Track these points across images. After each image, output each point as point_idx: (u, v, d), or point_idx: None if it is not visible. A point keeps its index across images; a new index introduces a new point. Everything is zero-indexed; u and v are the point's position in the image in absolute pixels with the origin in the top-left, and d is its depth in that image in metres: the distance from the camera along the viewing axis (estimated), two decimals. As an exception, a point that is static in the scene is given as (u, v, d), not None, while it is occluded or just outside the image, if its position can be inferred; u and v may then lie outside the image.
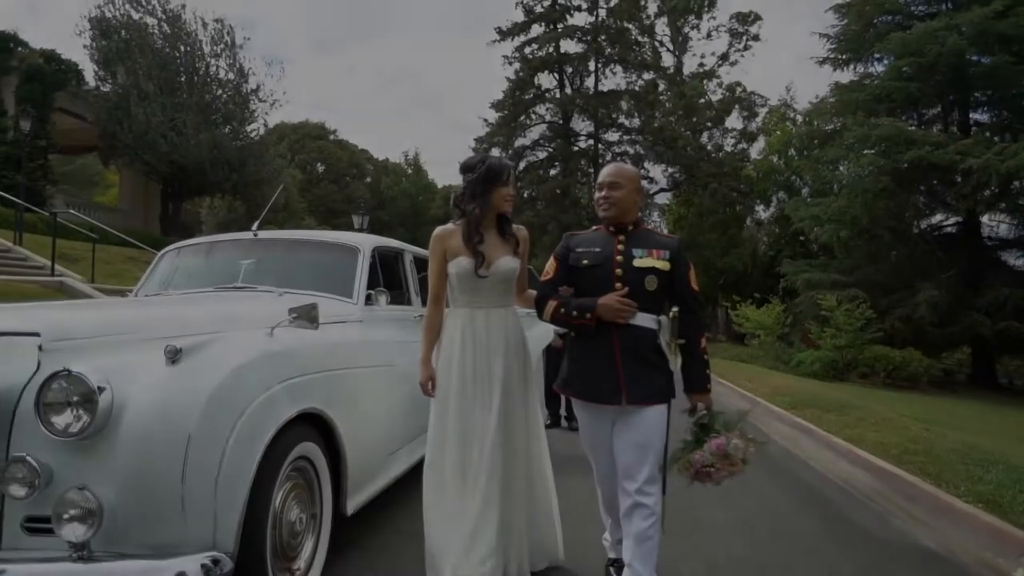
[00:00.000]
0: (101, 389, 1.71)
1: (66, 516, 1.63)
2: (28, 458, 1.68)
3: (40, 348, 1.82)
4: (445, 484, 2.41)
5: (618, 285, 2.37)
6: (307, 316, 2.23)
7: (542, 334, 5.44)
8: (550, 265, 2.58)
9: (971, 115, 18.34)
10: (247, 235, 3.65)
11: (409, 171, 43.69)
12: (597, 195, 2.53)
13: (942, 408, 11.14)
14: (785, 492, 4.43)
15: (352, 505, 2.57)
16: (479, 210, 2.52)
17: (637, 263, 2.39)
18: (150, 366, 1.85)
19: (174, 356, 1.83)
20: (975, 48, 16.16)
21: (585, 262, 2.46)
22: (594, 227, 2.63)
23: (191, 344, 1.89)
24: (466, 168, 2.59)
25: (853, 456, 5.57)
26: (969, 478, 4.67)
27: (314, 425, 2.32)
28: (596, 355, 2.40)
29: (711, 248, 28.37)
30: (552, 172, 29.92)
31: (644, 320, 2.37)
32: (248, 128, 24.58)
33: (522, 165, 30.45)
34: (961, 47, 15.56)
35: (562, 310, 2.43)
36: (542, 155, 30.67)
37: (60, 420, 1.70)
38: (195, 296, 3.22)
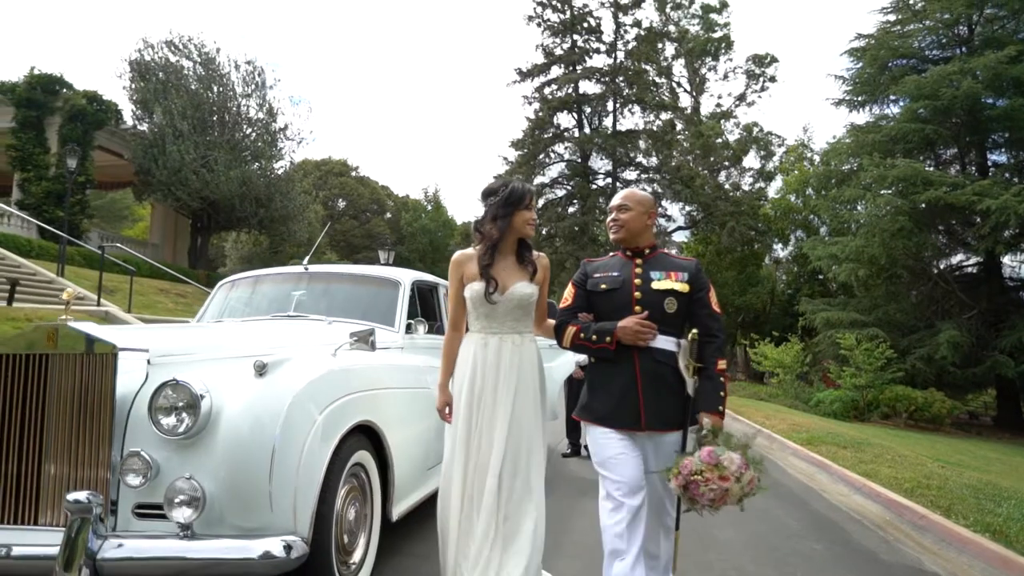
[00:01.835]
0: (202, 396, 2.03)
1: (176, 500, 1.95)
2: (142, 452, 2.00)
3: (148, 362, 2.16)
4: (454, 506, 2.42)
5: (637, 308, 2.37)
6: (365, 339, 2.55)
7: (564, 365, 5.67)
8: (568, 292, 2.58)
9: (989, 156, 18.50)
10: (298, 269, 4.02)
11: (429, 207, 44.47)
12: (608, 220, 2.55)
13: (966, 450, 11.08)
14: (797, 518, 4.60)
15: (397, 511, 2.85)
16: (498, 233, 2.49)
17: (655, 285, 2.39)
18: (240, 378, 2.18)
19: (261, 370, 2.15)
20: (990, 91, 16.41)
21: (603, 286, 2.46)
22: (611, 253, 2.63)
23: (273, 361, 2.21)
24: (488, 192, 2.58)
25: (867, 489, 5.70)
26: (979, 511, 4.80)
27: (367, 436, 2.61)
28: (617, 380, 2.37)
29: (729, 286, 28.43)
30: (571, 210, 30.35)
31: (664, 343, 2.36)
32: (276, 165, 25.45)
33: (541, 203, 30.95)
34: (976, 91, 15.81)
35: (581, 335, 2.42)
36: (561, 193, 31.17)
37: (168, 421, 2.02)
38: (258, 322, 3.55)
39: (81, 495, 1.83)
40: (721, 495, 2.16)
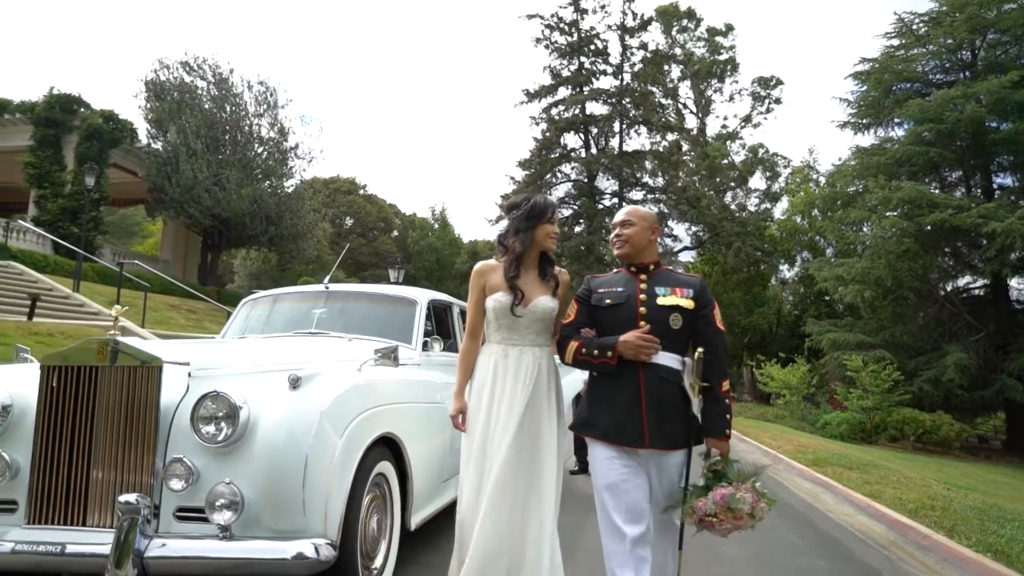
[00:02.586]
0: (241, 407, 2.19)
1: (218, 504, 2.09)
2: (184, 459, 2.15)
3: (189, 375, 2.32)
4: (468, 515, 2.43)
5: (642, 323, 2.33)
6: (389, 356, 2.69)
7: (572, 383, 5.78)
8: (571, 308, 2.55)
9: (994, 179, 18.58)
10: (319, 288, 4.19)
11: (436, 226, 44.78)
12: (612, 236, 2.54)
13: (974, 473, 11.04)
14: (802, 537, 4.68)
15: (415, 521, 2.98)
16: (521, 246, 2.53)
17: (661, 301, 2.37)
18: (275, 391, 2.33)
19: (295, 383, 2.31)
20: (994, 115, 16.54)
21: (608, 301, 2.43)
22: (615, 270, 2.61)
23: (306, 375, 2.36)
24: (511, 207, 2.63)
25: (871, 510, 5.76)
26: (983, 531, 4.87)
27: (388, 448, 2.75)
28: (620, 396, 2.34)
29: (735, 307, 28.49)
30: (577, 229, 30.55)
31: (668, 360, 2.32)
32: (286, 184, 25.78)
33: (547, 221, 31.08)
34: (979, 115, 15.93)
35: (583, 350, 2.38)
36: (567, 212, 31.34)
37: (209, 430, 2.17)
38: (285, 339, 3.71)
39: (131, 497, 1.99)
40: (734, 530, 2.22)
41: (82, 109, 20.95)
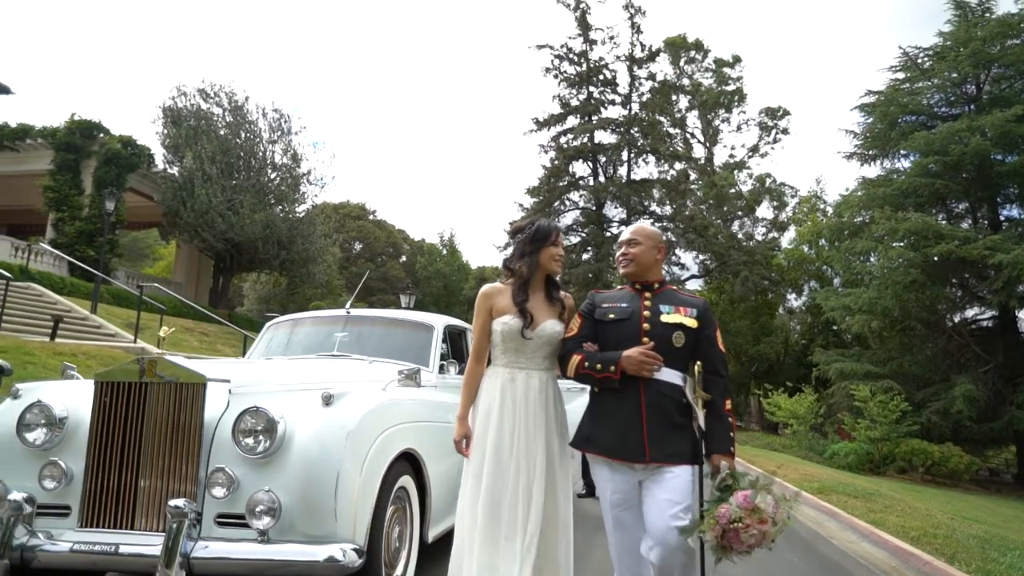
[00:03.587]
0: (278, 421, 2.38)
1: (257, 510, 2.28)
2: (226, 468, 2.33)
3: (230, 391, 2.51)
4: (474, 540, 2.37)
5: (645, 340, 2.36)
6: (412, 377, 2.88)
7: (580, 407, 5.93)
8: (574, 322, 2.56)
9: (1001, 211, 18.68)
10: (341, 312, 4.40)
11: (444, 252, 45.12)
12: (617, 254, 2.57)
13: (983, 506, 10.95)
14: (805, 561, 4.77)
15: (432, 533, 3.15)
16: (527, 270, 2.55)
17: (665, 319, 2.40)
18: (309, 407, 2.53)
19: (328, 400, 2.50)
20: (999, 148, 16.72)
21: (612, 316, 2.45)
22: (619, 286, 2.64)
23: (337, 393, 2.56)
24: (516, 231, 2.68)
25: (874, 537, 5.83)
26: (983, 559, 4.95)
27: (409, 463, 2.92)
28: (621, 411, 2.35)
29: (743, 335, 28.51)
30: (585, 257, 30.77)
31: (670, 376, 2.35)
32: (298, 209, 26.21)
33: (555, 248, 31.35)
34: (984, 148, 16.09)
35: (586, 364, 2.39)
36: (575, 240, 31.64)
37: (248, 442, 2.37)
38: (310, 360, 3.90)
39: (180, 502, 2.19)
40: (760, 539, 2.12)
41: (101, 135, 21.46)
